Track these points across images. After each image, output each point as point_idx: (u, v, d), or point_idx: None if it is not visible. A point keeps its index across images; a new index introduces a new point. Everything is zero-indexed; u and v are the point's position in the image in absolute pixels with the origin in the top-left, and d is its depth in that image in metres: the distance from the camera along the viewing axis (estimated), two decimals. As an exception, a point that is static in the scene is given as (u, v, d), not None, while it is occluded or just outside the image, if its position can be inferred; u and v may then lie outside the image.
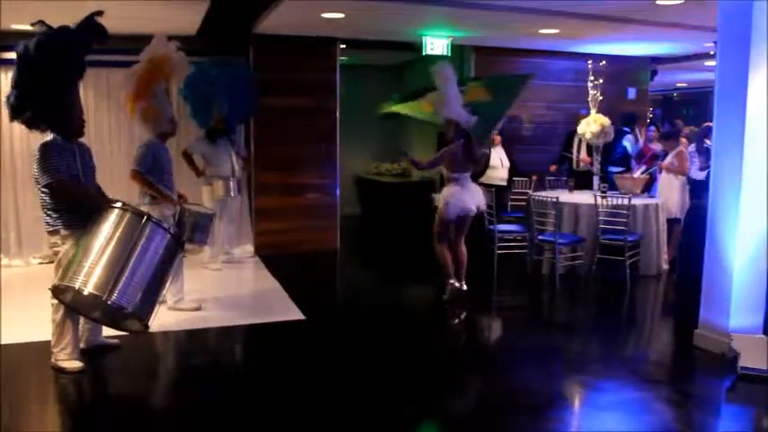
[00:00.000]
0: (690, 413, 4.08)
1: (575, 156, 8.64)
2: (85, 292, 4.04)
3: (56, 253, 4.40)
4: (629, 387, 4.36)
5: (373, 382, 4.43)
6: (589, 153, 8.49)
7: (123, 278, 4.06)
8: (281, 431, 3.75)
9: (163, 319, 5.18)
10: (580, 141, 8.53)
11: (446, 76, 6.12)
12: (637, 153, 8.79)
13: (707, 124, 8.09)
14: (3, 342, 4.85)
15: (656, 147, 8.64)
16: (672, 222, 7.66)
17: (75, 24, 4.30)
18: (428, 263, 6.78)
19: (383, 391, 4.29)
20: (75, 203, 4.33)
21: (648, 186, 8.05)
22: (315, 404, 4.07)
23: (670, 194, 7.71)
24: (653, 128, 9.16)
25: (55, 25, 4.26)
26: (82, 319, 4.56)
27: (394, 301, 6.85)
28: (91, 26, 4.34)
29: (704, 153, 7.54)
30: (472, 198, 6.15)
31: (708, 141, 7.77)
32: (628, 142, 8.79)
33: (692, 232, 6.58)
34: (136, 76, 5.49)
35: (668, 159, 7.76)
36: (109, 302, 4.05)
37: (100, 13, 4.37)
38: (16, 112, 4.27)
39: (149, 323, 4.30)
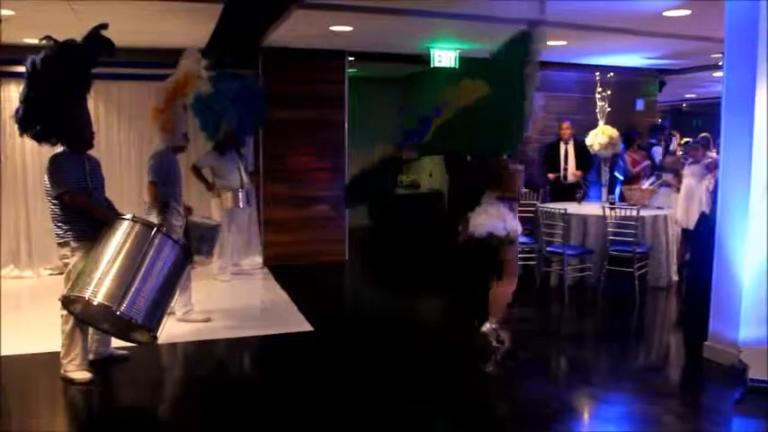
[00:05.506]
0: (699, 425, 4.06)
1: (562, 169, 8.56)
2: (95, 303, 4.07)
3: (65, 264, 4.44)
4: (638, 399, 4.34)
5: (380, 394, 4.43)
6: (579, 166, 8.42)
7: (133, 289, 4.09)
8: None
9: (172, 330, 5.20)
10: (567, 153, 8.47)
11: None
12: (624, 172, 8.73)
13: (703, 135, 8.08)
14: (13, 353, 4.89)
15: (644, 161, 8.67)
16: (686, 233, 7.59)
17: (82, 38, 4.36)
18: (436, 275, 6.77)
19: (390, 402, 4.28)
20: (85, 215, 4.36)
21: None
22: (323, 416, 4.07)
23: (689, 205, 7.53)
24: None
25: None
26: (91, 330, 4.59)
27: (402, 312, 6.83)
28: (97, 40, 4.39)
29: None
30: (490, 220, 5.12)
31: (711, 153, 7.76)
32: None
33: (702, 244, 6.53)
34: (164, 90, 5.57)
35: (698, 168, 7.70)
36: (118, 313, 4.07)
37: (105, 26, 4.43)
38: (25, 127, 4.33)
39: (158, 334, 4.32)
